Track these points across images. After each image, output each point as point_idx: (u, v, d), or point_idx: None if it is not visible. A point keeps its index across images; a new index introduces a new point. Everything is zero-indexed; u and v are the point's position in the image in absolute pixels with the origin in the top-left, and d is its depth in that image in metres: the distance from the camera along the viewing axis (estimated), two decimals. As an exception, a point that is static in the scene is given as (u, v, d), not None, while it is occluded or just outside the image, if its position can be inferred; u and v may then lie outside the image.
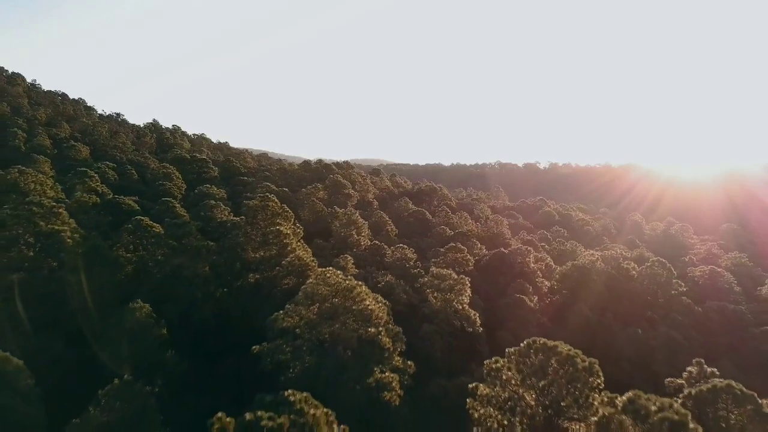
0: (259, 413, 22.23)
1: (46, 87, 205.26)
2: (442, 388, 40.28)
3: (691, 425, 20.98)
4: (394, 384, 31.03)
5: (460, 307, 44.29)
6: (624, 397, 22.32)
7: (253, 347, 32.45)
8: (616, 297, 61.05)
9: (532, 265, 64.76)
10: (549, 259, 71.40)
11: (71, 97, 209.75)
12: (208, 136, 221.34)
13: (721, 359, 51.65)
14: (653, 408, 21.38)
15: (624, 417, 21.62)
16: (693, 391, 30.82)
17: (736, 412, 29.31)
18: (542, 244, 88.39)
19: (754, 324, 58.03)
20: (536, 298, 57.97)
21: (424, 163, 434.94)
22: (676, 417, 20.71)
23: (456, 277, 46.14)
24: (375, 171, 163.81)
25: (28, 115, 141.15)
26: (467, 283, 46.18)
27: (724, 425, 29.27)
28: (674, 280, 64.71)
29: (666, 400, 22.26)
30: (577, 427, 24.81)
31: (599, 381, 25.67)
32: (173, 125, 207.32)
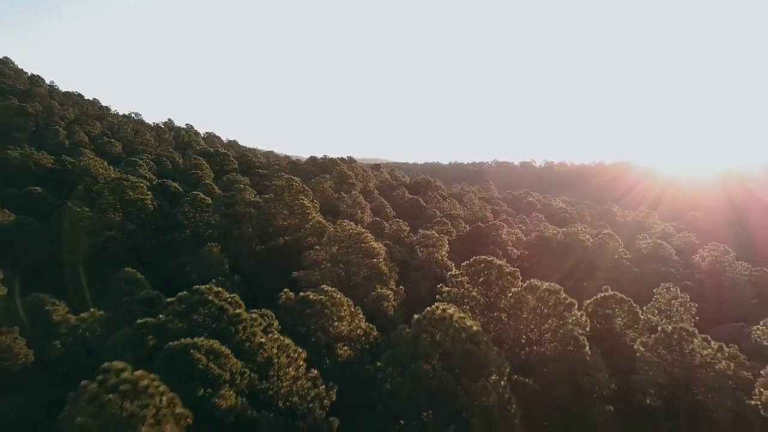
0: (308, 292, 36.99)
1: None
2: (426, 315, 54.80)
3: (563, 295, 35.51)
4: (390, 296, 45.48)
5: (440, 257, 58.78)
6: (526, 283, 36.80)
7: (293, 273, 46.91)
8: (571, 261, 75.43)
9: (504, 236, 79.16)
10: (520, 233, 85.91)
11: (86, 97, 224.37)
12: (217, 134, 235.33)
13: (646, 303, 66.20)
14: (543, 286, 35.90)
15: (525, 293, 36.08)
16: (592, 300, 45.42)
17: (618, 310, 43.91)
18: (519, 225, 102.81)
19: (679, 281, 72.46)
20: (505, 260, 72.21)
21: (423, 162, 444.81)
22: (555, 287, 35.24)
23: (437, 236, 60.72)
24: (375, 166, 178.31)
25: (60, 114, 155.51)
26: (446, 241, 60.79)
27: (610, 320, 43.90)
28: (620, 249, 79.22)
29: (554, 284, 36.75)
30: (502, 314, 39.24)
31: (519, 282, 40.25)
32: (186, 124, 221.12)
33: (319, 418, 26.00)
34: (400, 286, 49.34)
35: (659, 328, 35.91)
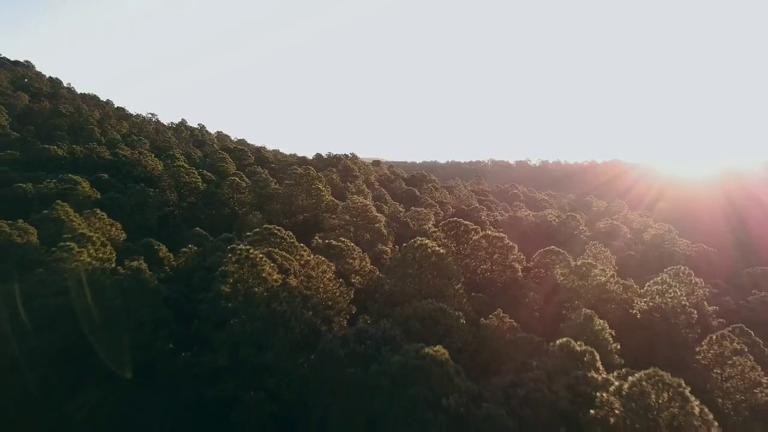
0: (331, 240, 52.87)
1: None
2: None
3: (507, 241, 51.35)
4: (388, 251, 61.35)
5: (427, 228, 74.66)
6: (482, 233, 52.61)
7: (317, 234, 62.66)
8: (538, 236, 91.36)
9: (483, 218, 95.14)
10: (498, 216, 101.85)
11: (101, 98, 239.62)
12: (226, 133, 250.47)
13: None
14: (493, 234, 51.77)
15: (482, 240, 51.89)
16: (537, 253, 61.27)
17: (555, 260, 59.63)
18: (501, 211, 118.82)
19: (624, 250, 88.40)
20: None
21: (420, 161, 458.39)
22: (501, 235, 51.13)
23: (425, 211, 76.65)
24: (375, 162, 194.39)
25: (89, 114, 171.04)
26: (432, 216, 76.67)
27: (550, 267, 59.67)
28: (581, 227, 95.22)
29: (502, 233, 52.57)
30: (466, 259, 55.00)
31: (479, 235, 56.09)
32: (199, 124, 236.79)
33: (343, 305, 41.90)
34: (396, 246, 65.22)
35: (571, 263, 51.81)
